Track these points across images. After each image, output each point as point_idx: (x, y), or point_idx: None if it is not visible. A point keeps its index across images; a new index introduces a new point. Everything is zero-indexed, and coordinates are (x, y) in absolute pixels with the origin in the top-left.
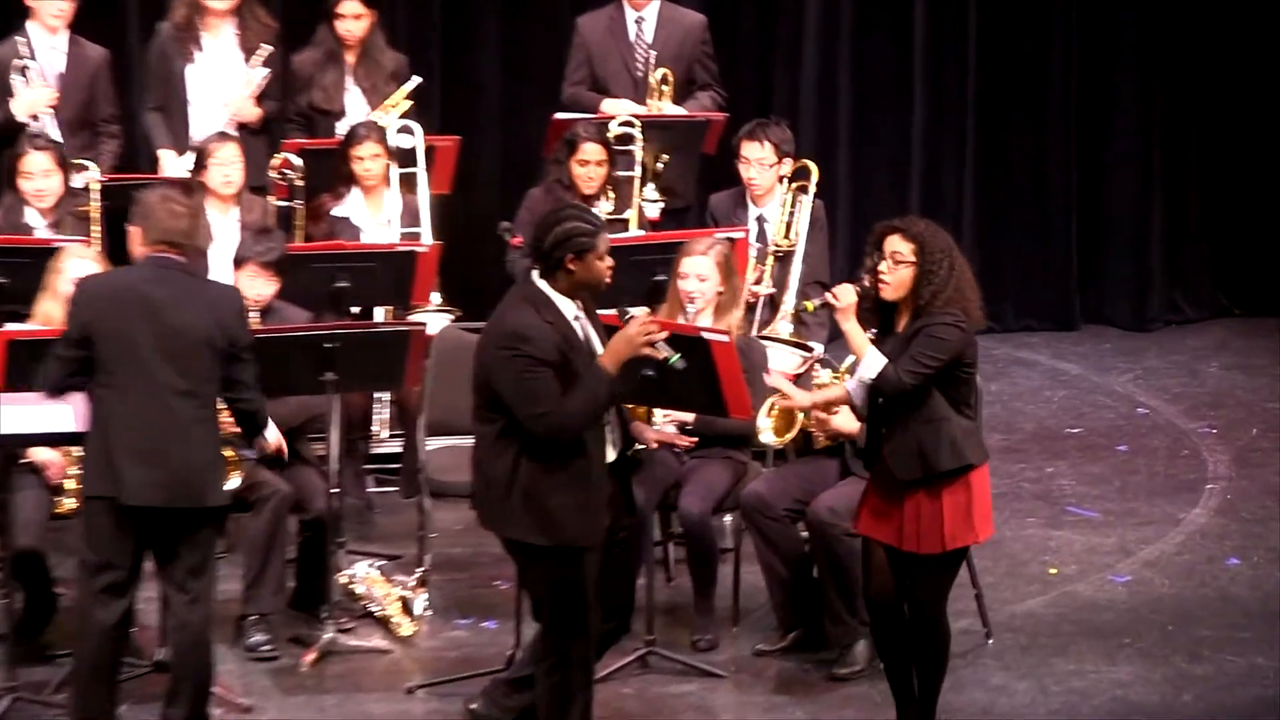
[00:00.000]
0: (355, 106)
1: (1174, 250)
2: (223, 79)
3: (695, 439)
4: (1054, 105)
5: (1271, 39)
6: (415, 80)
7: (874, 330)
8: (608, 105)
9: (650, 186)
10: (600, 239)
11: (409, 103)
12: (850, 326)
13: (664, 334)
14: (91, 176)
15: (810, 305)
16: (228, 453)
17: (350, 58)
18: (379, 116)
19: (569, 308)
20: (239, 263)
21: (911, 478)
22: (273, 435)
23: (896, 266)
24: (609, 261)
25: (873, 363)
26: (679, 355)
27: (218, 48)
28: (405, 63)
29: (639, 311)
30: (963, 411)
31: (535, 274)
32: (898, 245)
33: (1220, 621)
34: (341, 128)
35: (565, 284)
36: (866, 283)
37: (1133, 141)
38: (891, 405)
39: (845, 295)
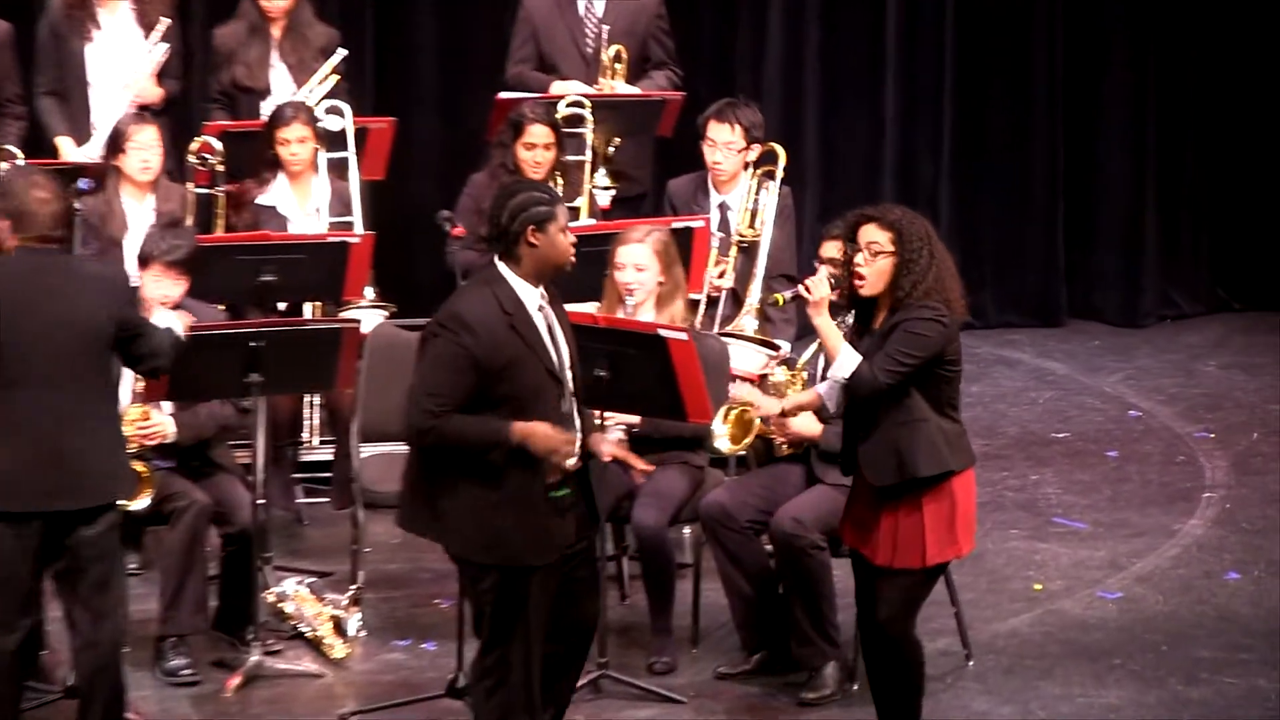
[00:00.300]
0: (281, 84)
1: (1169, 240)
2: (124, 57)
3: (653, 467)
4: (1038, 81)
5: (1272, 8)
6: (341, 53)
7: (846, 318)
8: (558, 87)
9: (601, 172)
10: (559, 209)
11: (336, 78)
12: (823, 321)
13: (573, 465)
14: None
15: (780, 298)
16: (139, 467)
17: (276, 31)
18: (304, 95)
19: (532, 297)
20: (143, 261)
21: (887, 483)
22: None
23: (874, 258)
24: (572, 238)
25: (846, 361)
26: (567, 492)
27: (116, 24)
28: (336, 37)
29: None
30: (946, 413)
31: (496, 259)
32: (874, 235)
33: (1219, 641)
34: (267, 107)
35: (529, 264)
36: (835, 274)
37: (1124, 119)
38: (867, 406)
39: (819, 288)
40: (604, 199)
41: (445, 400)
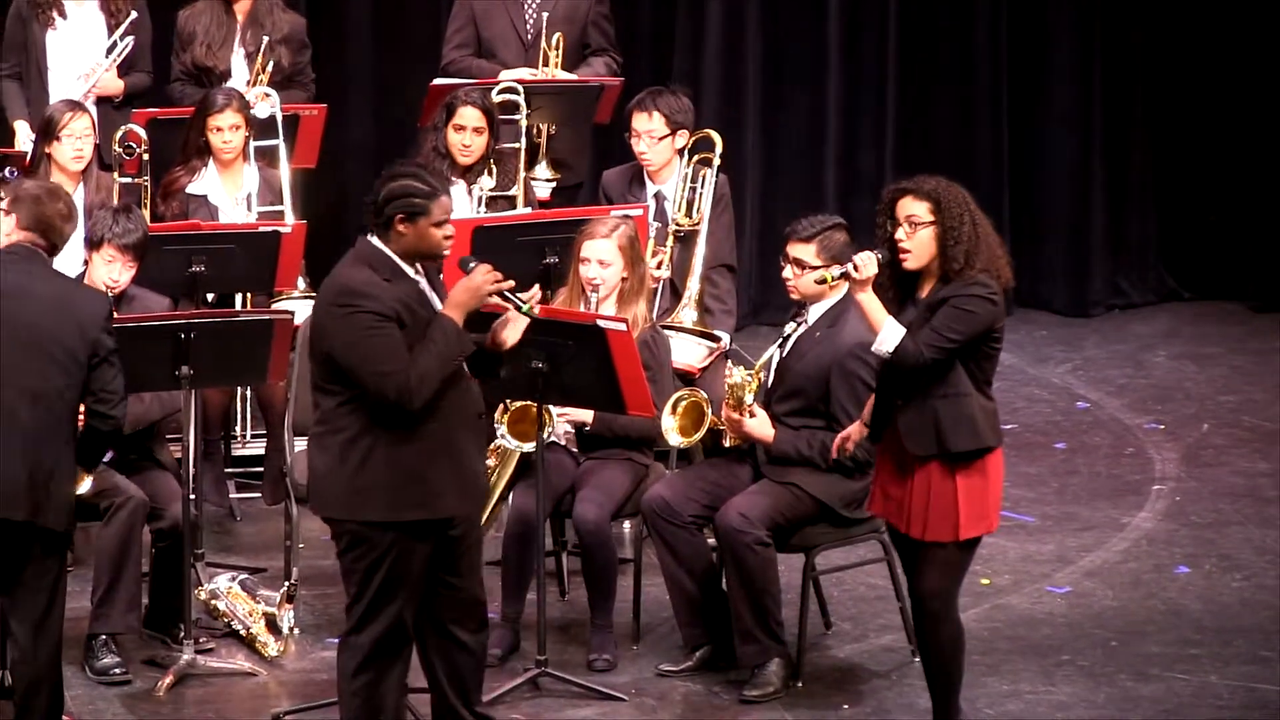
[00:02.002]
0: (242, 69)
1: (1116, 228)
2: (86, 48)
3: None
4: (982, 69)
5: None
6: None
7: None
8: (507, 76)
9: (543, 165)
10: (436, 204)
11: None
12: (867, 298)
13: (510, 283)
14: None
15: (829, 275)
16: None
17: (240, 14)
18: (246, 89)
19: (407, 267)
20: (95, 244)
21: (925, 453)
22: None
23: (915, 230)
24: (448, 230)
25: (890, 335)
26: (529, 305)
27: (82, 15)
28: (302, 25)
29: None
30: (983, 390)
31: (371, 233)
32: (912, 207)
33: (1169, 636)
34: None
35: (398, 247)
36: (882, 255)
37: (1070, 107)
38: (910, 377)
39: (868, 266)
40: (544, 190)
41: (391, 360)
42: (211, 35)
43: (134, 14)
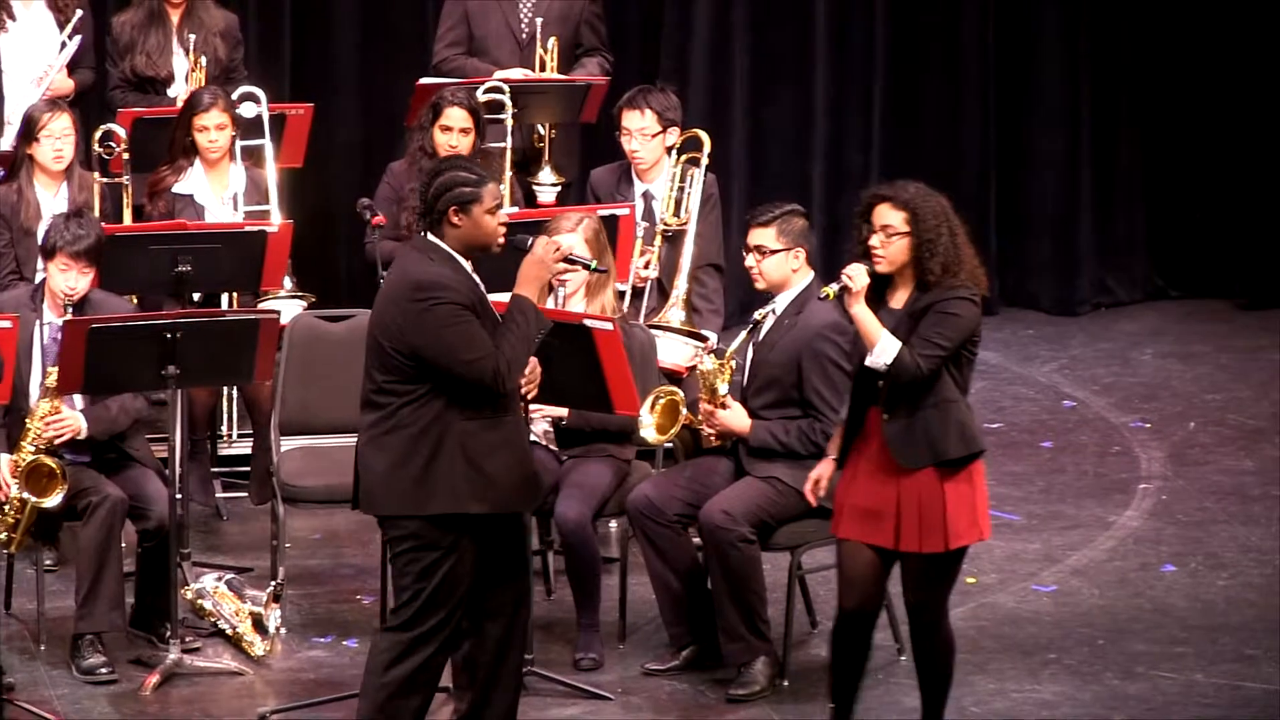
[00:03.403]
0: (184, 70)
1: (1104, 226)
2: (38, 49)
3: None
4: (969, 67)
5: None
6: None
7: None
8: (500, 77)
9: (547, 170)
10: (486, 190)
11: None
12: (860, 310)
13: (569, 246)
14: None
15: (830, 291)
16: (50, 463)
17: (175, 16)
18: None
19: (464, 262)
20: (49, 253)
21: (919, 466)
22: None
23: (890, 239)
24: (501, 217)
25: (887, 348)
26: (595, 261)
27: (31, 16)
28: (235, 21)
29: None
30: (964, 395)
31: (427, 231)
32: (889, 216)
33: (1155, 635)
34: (173, 94)
35: (454, 241)
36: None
37: (1057, 103)
38: (905, 389)
39: (860, 277)
40: (549, 195)
41: (480, 346)
42: (150, 45)
43: (80, 12)
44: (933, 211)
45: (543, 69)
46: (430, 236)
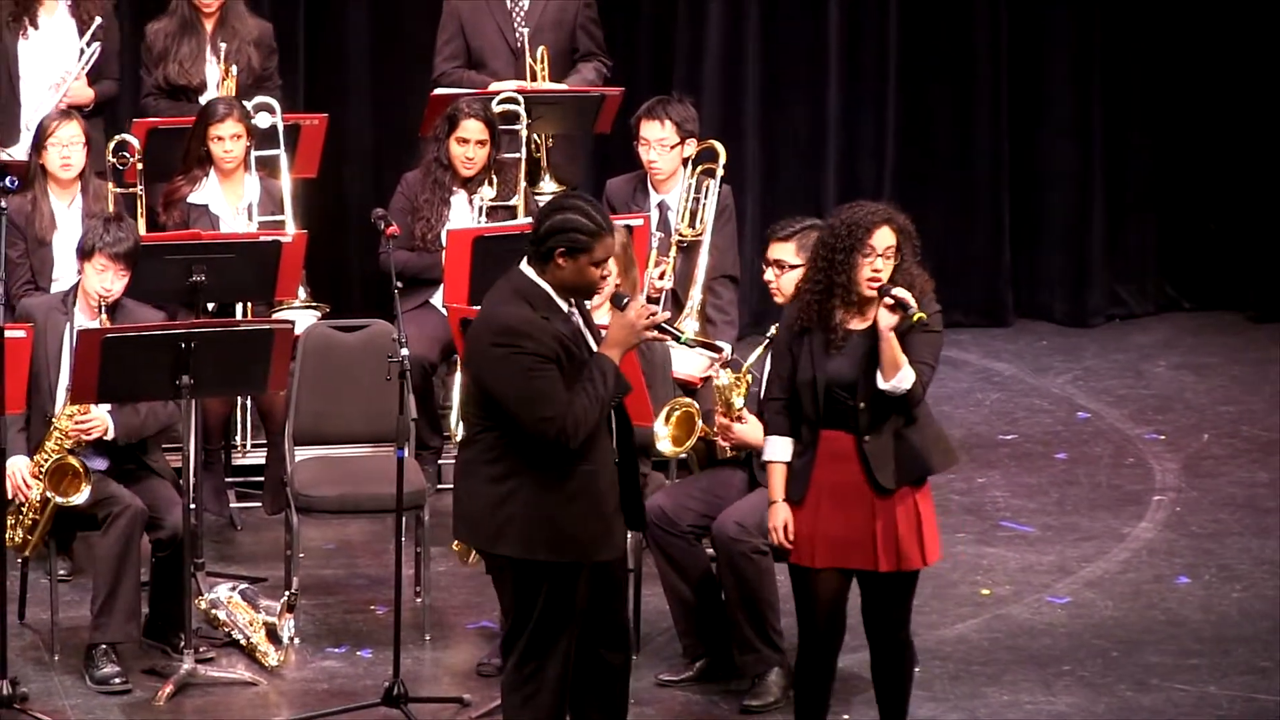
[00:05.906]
0: (216, 80)
1: (1116, 238)
2: (57, 57)
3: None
4: (982, 78)
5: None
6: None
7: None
8: (500, 89)
9: (546, 178)
10: (600, 243)
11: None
12: (894, 335)
13: (665, 314)
14: None
15: (922, 315)
16: (74, 463)
17: (208, 26)
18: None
19: (561, 302)
20: (87, 253)
21: (905, 484)
22: None
23: (889, 260)
24: (607, 271)
25: (908, 375)
26: (685, 335)
27: (53, 24)
28: (270, 29)
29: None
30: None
31: (524, 261)
32: (892, 239)
33: (1169, 647)
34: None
35: (553, 279)
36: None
37: (1070, 115)
38: (882, 409)
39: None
40: None
41: (552, 405)
42: (183, 53)
43: (99, 19)
44: (913, 235)
45: (533, 79)
46: (530, 271)
